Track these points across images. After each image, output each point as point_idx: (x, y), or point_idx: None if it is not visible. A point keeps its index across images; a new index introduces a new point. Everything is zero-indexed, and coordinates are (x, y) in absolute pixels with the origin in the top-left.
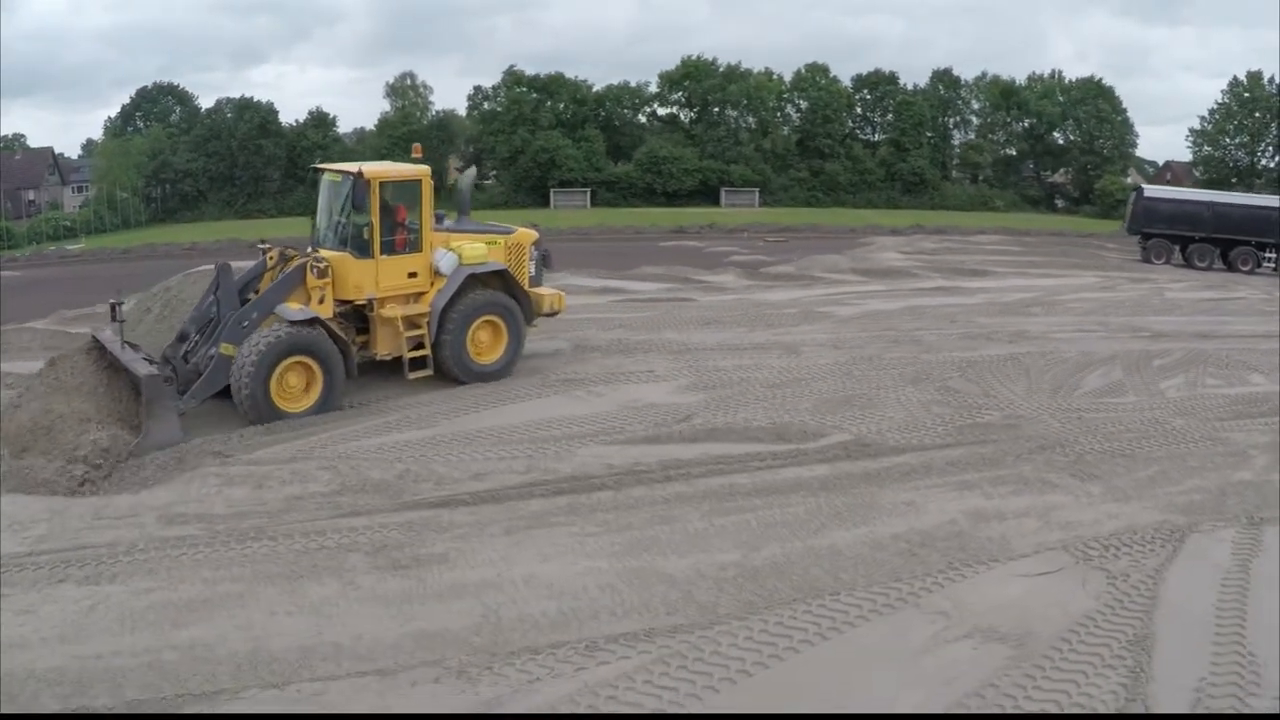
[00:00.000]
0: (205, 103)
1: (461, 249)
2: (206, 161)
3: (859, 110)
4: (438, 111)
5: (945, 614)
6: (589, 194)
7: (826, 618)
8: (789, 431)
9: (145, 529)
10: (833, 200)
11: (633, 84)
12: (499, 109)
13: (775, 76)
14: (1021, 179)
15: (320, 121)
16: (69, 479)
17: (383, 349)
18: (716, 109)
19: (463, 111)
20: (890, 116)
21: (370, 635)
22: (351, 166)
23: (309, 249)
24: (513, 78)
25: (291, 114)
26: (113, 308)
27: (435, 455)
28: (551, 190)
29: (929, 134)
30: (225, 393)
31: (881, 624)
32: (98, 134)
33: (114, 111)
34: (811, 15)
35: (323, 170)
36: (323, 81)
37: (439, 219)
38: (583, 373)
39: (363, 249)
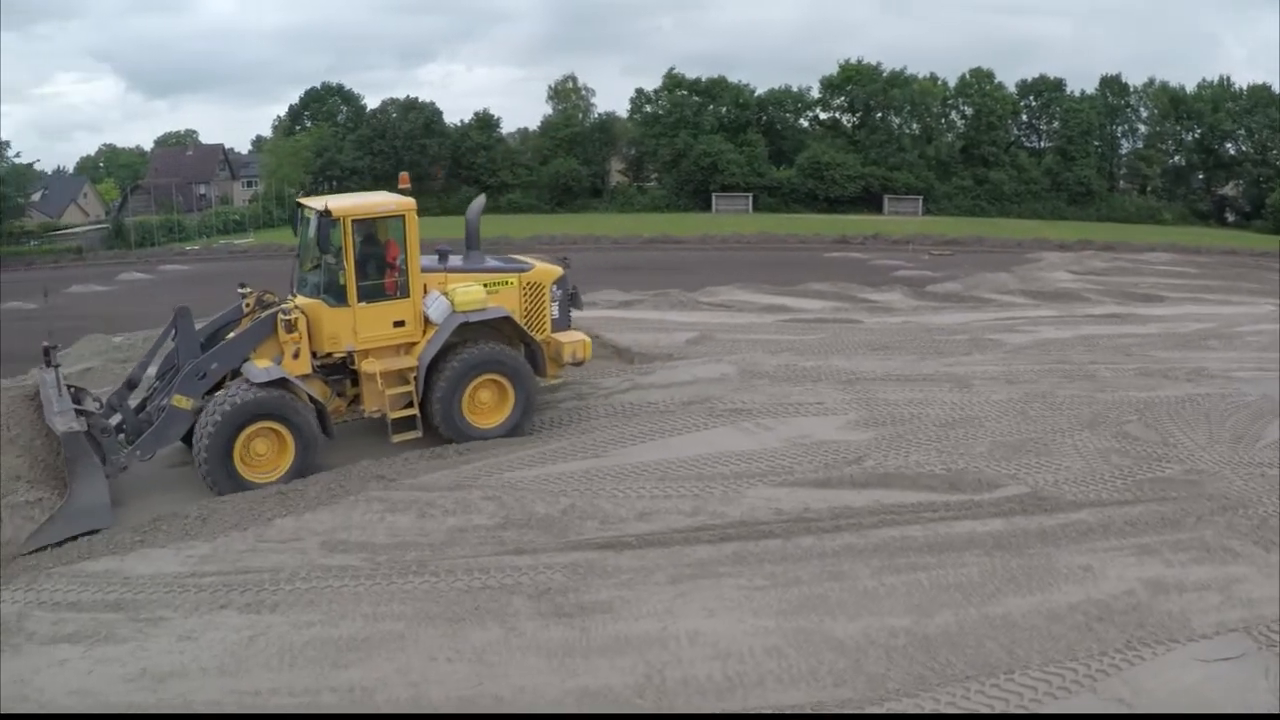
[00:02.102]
0: (371, 103)
1: (454, 293)
2: (372, 160)
3: (1024, 117)
4: (599, 114)
5: (1123, 701)
6: (750, 199)
7: (1000, 699)
8: (963, 480)
9: (307, 555)
10: (997, 210)
11: (794, 88)
12: (660, 112)
13: (939, 81)
14: (1191, 191)
15: (484, 123)
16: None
17: (370, 406)
18: (879, 114)
19: (624, 114)
20: (1056, 124)
21: (532, 689)
22: (320, 201)
23: (290, 294)
24: (673, 80)
25: (456, 114)
26: (46, 352)
27: (600, 490)
28: (713, 194)
29: (1096, 143)
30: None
31: (1057, 709)
32: (267, 130)
33: (283, 110)
34: (977, 16)
35: (302, 205)
36: (488, 80)
37: (442, 256)
38: (750, 402)
39: (338, 295)
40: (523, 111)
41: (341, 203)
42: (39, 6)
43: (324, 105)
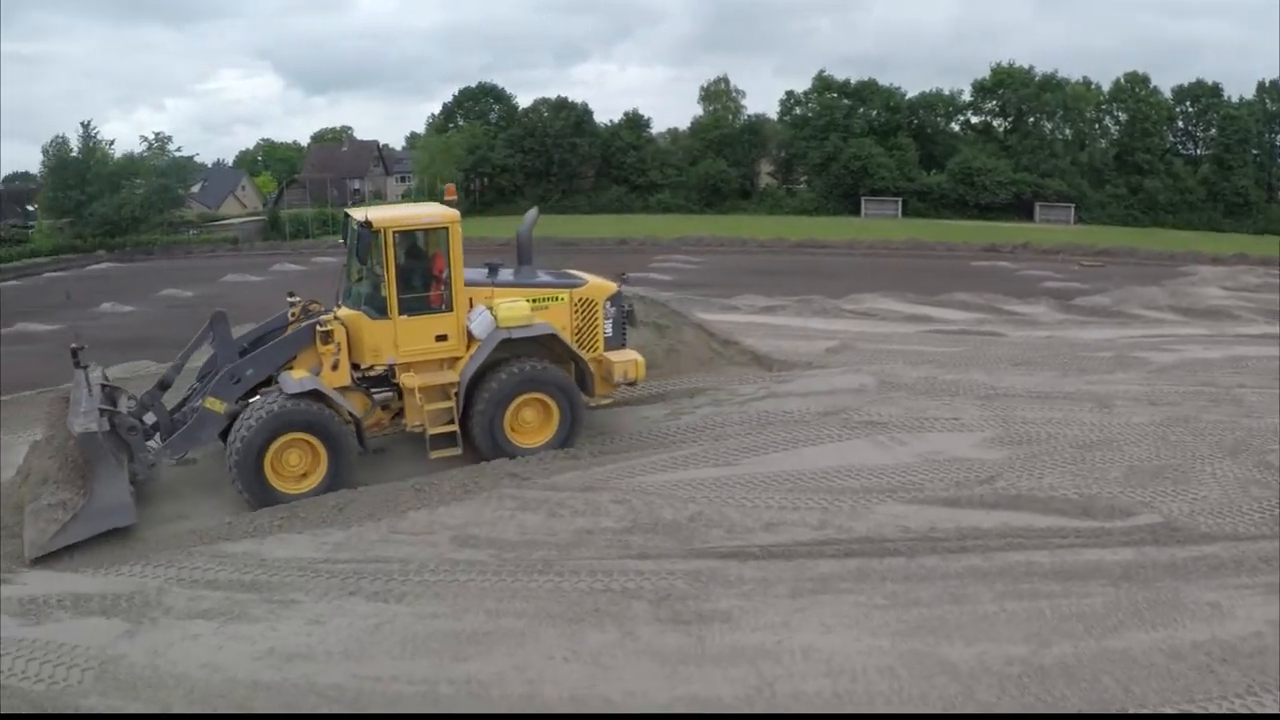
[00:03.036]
0: (523, 101)
1: (498, 308)
2: (523, 158)
3: (1180, 124)
4: (749, 115)
5: None
6: (900, 203)
7: None
8: (1095, 506)
9: (437, 548)
10: (1151, 220)
11: (946, 91)
12: (810, 114)
13: (1093, 86)
14: None
15: (634, 123)
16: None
17: (412, 420)
18: (1031, 119)
19: (774, 115)
20: (1213, 131)
21: (642, 694)
22: (361, 213)
23: (335, 305)
24: (822, 83)
25: (608, 113)
26: (74, 353)
27: (729, 498)
28: (863, 198)
29: (1254, 151)
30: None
31: None
32: (421, 127)
33: (437, 108)
34: (1134, 17)
35: (349, 215)
36: (641, 80)
37: (492, 269)
38: (886, 415)
39: (379, 307)
40: (673, 111)
41: (384, 214)
42: (203, 6)
43: (477, 104)
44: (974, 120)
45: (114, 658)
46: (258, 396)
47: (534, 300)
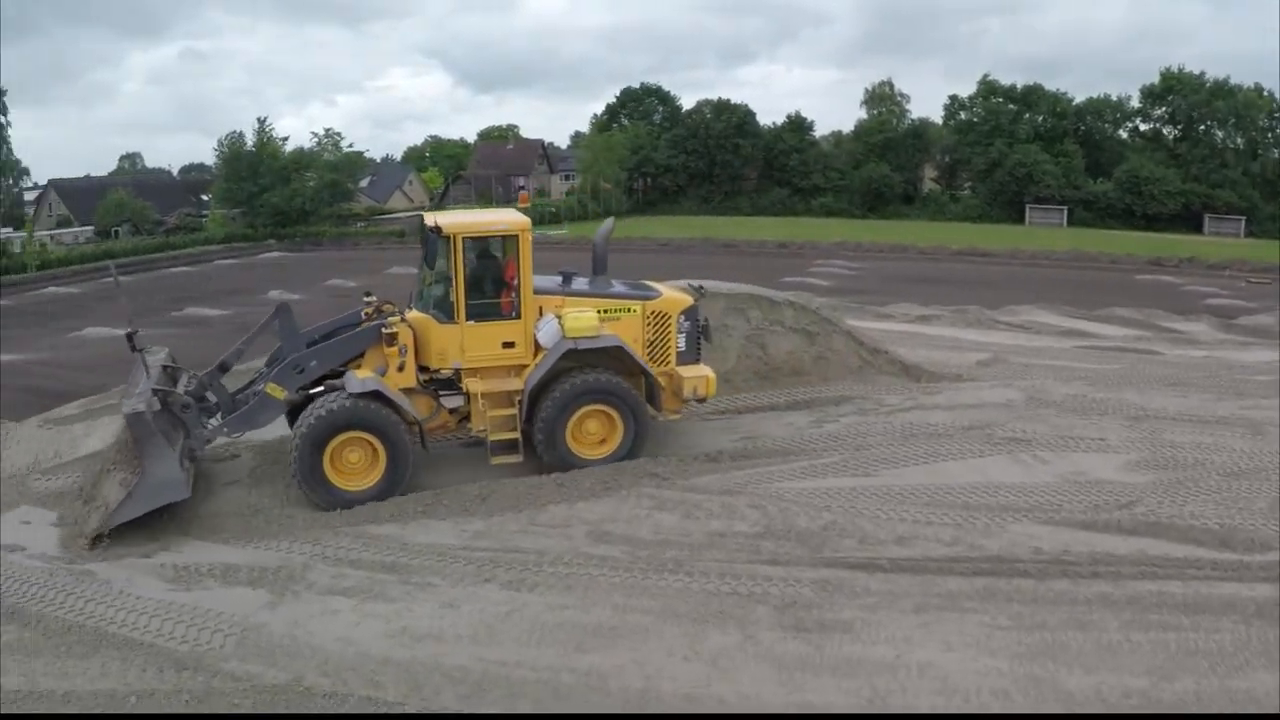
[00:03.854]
0: (687, 103)
1: (565, 318)
2: (685, 159)
3: None
4: (913, 119)
5: None
6: (1065, 212)
7: None
8: (1235, 538)
9: (573, 542)
10: None
11: (1114, 96)
12: (975, 119)
13: (1266, 93)
14: None
15: (796, 125)
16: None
17: (478, 425)
18: (1202, 127)
19: (939, 119)
20: None
21: (756, 698)
22: (433, 217)
23: (408, 306)
24: (987, 87)
25: (773, 115)
26: (129, 338)
27: (864, 508)
28: (1027, 206)
29: None
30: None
31: None
32: (585, 126)
33: (600, 108)
34: None
35: (423, 219)
36: (806, 82)
37: (566, 278)
38: (1031, 432)
39: (448, 312)
40: (837, 114)
41: (455, 219)
42: (374, 6)
43: (640, 104)
44: (1142, 127)
45: (255, 626)
46: (322, 388)
47: (605, 311)
